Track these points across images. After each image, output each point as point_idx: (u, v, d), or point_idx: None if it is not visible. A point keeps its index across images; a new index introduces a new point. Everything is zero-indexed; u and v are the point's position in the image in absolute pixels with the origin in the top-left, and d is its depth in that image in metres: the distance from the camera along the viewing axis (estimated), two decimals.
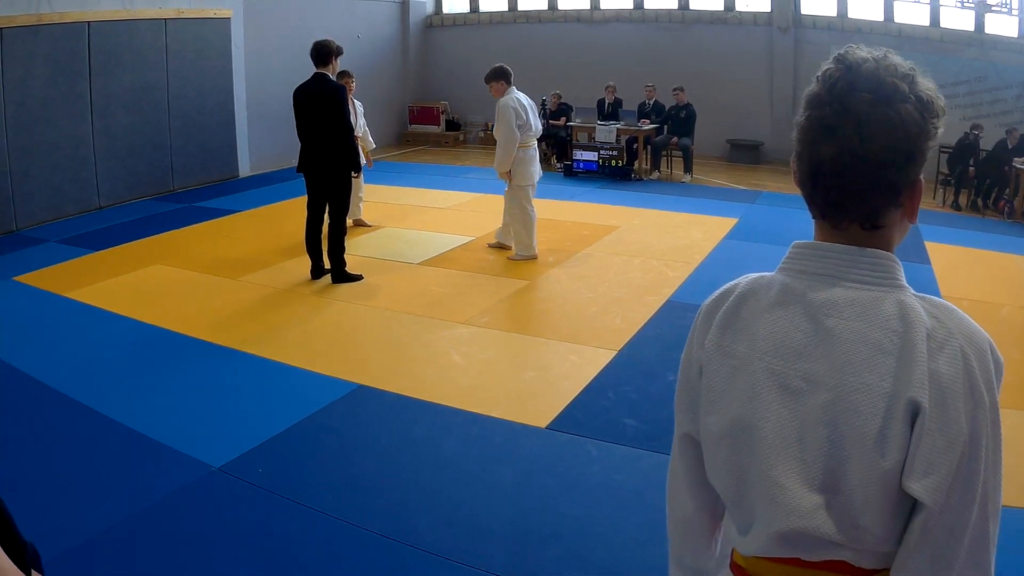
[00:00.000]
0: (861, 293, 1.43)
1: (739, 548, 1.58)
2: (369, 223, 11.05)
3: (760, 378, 1.48)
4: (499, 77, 9.34)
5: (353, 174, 8.54)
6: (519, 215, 9.46)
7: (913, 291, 1.44)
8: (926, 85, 1.43)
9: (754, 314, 1.53)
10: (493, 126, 9.57)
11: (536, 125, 9.51)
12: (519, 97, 9.35)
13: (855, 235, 1.47)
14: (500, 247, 9.83)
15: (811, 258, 1.51)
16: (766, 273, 1.58)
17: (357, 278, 8.62)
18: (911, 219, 1.49)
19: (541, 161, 16.54)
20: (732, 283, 1.62)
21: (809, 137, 1.46)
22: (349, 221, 10.12)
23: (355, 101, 10.53)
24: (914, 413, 1.34)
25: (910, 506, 1.38)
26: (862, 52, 1.44)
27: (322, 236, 8.66)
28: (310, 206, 8.66)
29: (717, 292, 1.65)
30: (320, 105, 8.18)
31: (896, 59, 1.44)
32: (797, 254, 1.54)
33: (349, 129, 8.32)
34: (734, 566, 1.62)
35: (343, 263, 8.62)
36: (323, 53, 8.32)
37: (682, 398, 1.70)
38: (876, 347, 1.38)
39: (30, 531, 1.98)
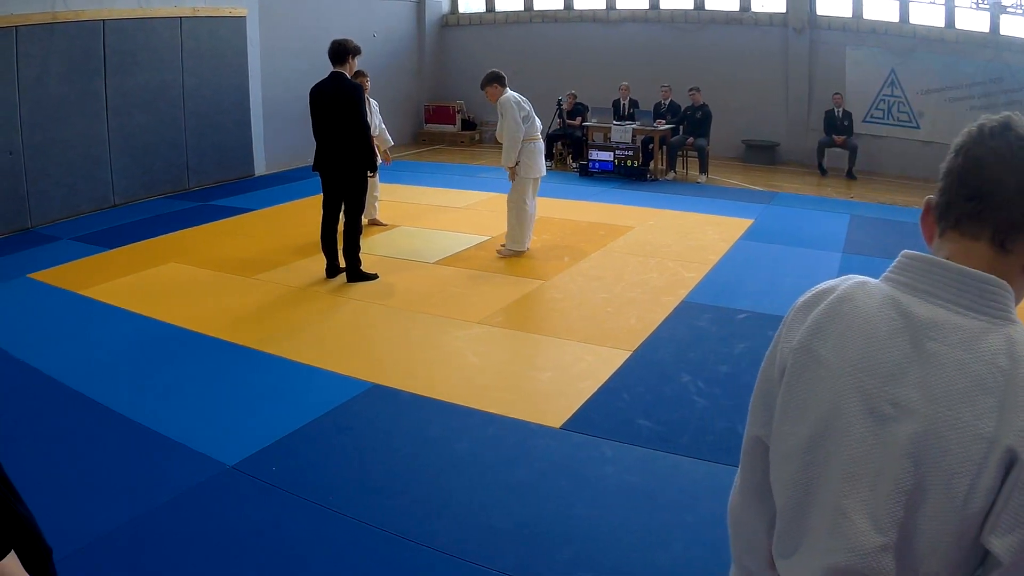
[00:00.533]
0: (968, 320, 1.32)
1: (781, 570, 1.52)
2: (384, 222, 11.05)
3: (846, 395, 1.38)
4: (493, 81, 9.46)
5: (369, 173, 8.56)
6: (516, 208, 9.47)
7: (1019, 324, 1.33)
8: None
9: (850, 321, 1.42)
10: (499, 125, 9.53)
11: (536, 122, 9.52)
12: (518, 96, 9.41)
13: (979, 255, 1.37)
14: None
15: (921, 272, 1.40)
16: (870, 279, 1.49)
17: (372, 277, 8.62)
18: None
19: (557, 161, 16.67)
20: (831, 283, 1.53)
21: (969, 157, 1.42)
22: (364, 220, 10.13)
23: (370, 100, 10.54)
24: (1009, 463, 1.23)
25: (979, 560, 1.29)
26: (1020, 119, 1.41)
27: (338, 235, 8.67)
28: (326, 205, 8.67)
29: (814, 290, 1.56)
30: (337, 104, 8.19)
31: None
32: (906, 265, 1.43)
33: (366, 128, 8.32)
34: None
35: (359, 262, 8.62)
36: (341, 52, 8.32)
37: (758, 398, 1.60)
38: (977, 382, 1.27)
39: (43, 528, 1.98)
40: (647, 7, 18.32)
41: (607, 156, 15.23)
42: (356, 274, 8.60)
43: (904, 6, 15.95)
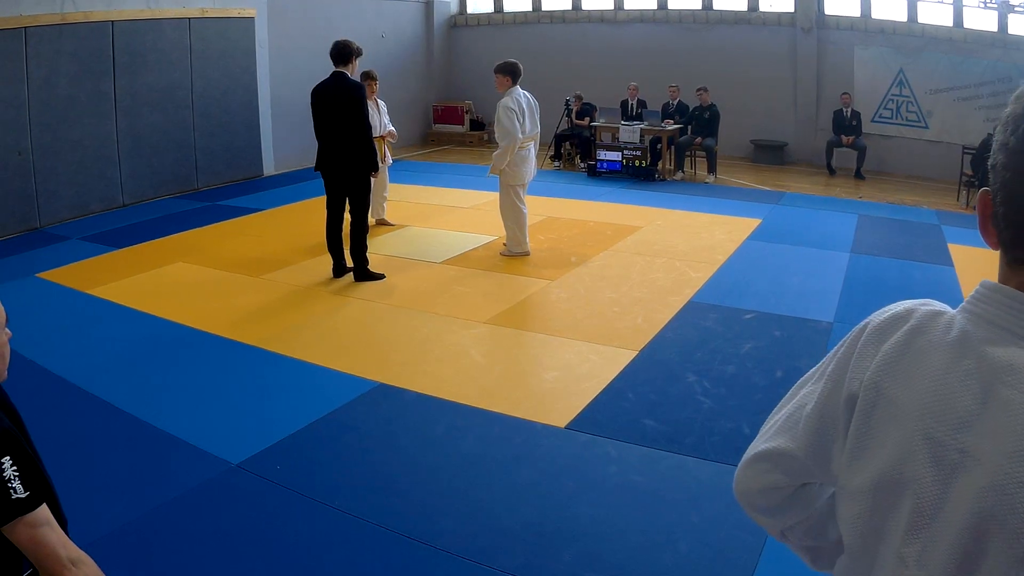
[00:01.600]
0: None
1: None
2: (392, 222, 11.06)
3: (915, 440, 1.24)
4: (505, 72, 9.30)
5: (372, 174, 8.55)
6: (511, 212, 9.46)
7: None
8: None
9: (922, 357, 1.27)
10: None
11: (532, 127, 9.41)
12: (523, 97, 9.30)
13: None
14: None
15: (1002, 305, 1.23)
16: (947, 309, 1.33)
17: (379, 277, 8.63)
18: None
19: (565, 161, 16.67)
20: (905, 307, 1.36)
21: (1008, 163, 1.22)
22: (372, 220, 10.16)
23: (379, 100, 10.56)
24: None
25: None
26: None
27: (343, 234, 8.68)
28: (330, 205, 8.66)
29: (888, 314, 1.37)
30: (339, 104, 8.18)
31: None
32: (985, 296, 1.27)
33: (367, 128, 8.32)
34: None
35: (366, 261, 8.63)
36: (343, 52, 8.32)
37: (813, 421, 1.42)
38: None
39: None
40: (655, 7, 18.30)
41: (615, 156, 15.22)
42: (364, 273, 8.60)
43: (912, 6, 15.91)
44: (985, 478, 1.15)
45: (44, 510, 1.94)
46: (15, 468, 1.91)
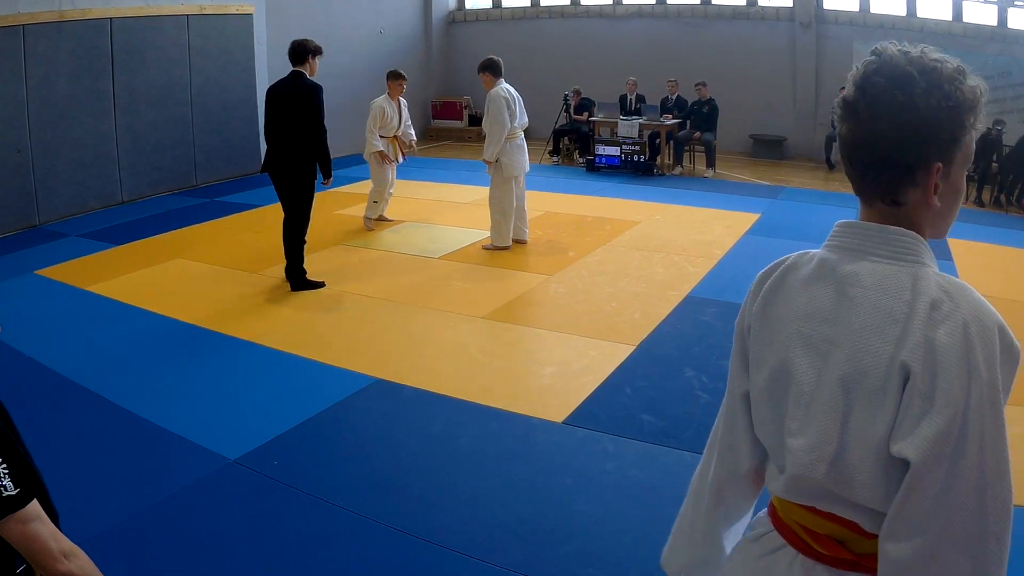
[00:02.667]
0: (883, 267, 1.54)
1: (770, 488, 1.74)
2: (390, 219, 11.04)
3: (793, 339, 1.62)
4: (485, 69, 9.46)
5: (323, 181, 8.18)
6: (498, 205, 9.52)
7: (937, 270, 1.53)
8: (953, 76, 1.49)
9: (793, 284, 1.66)
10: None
11: (522, 117, 9.53)
12: (508, 88, 9.41)
13: (882, 212, 1.58)
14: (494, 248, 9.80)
15: (845, 235, 1.62)
16: (813, 249, 1.70)
17: (319, 285, 8.24)
18: (929, 201, 1.54)
19: (564, 156, 16.67)
20: (784, 257, 1.74)
21: (838, 117, 1.60)
22: (373, 217, 10.33)
23: (402, 100, 10.57)
24: (905, 376, 1.43)
25: (901, 473, 1.43)
26: (898, 46, 1.54)
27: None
28: (283, 207, 8.32)
29: (770, 264, 1.76)
30: (292, 104, 7.89)
31: (932, 54, 1.52)
32: (836, 231, 1.65)
33: (320, 131, 7.92)
34: (771, 506, 1.78)
35: (301, 271, 8.24)
36: (299, 52, 8.02)
37: (736, 359, 1.83)
38: (888, 315, 1.48)
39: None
40: (653, 2, 18.28)
41: (614, 151, 15.22)
42: (299, 283, 8.21)
43: (911, 0, 15.90)
44: (843, 354, 1.53)
45: (35, 505, 1.94)
46: (4, 465, 1.91)
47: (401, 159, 11.00)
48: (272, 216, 10.30)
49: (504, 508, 4.33)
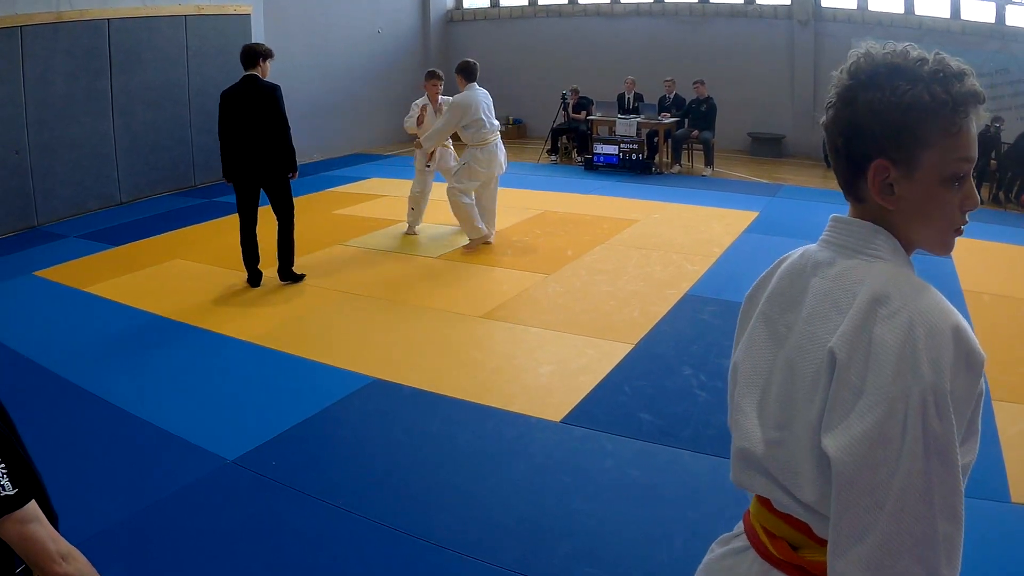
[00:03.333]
0: (846, 259, 1.55)
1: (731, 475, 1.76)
2: (416, 232, 10.56)
3: (759, 320, 1.70)
4: (458, 71, 9.74)
5: (291, 175, 8.31)
6: (455, 204, 9.52)
7: (899, 267, 1.50)
8: (920, 73, 1.46)
9: (779, 272, 1.72)
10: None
11: (491, 122, 9.59)
12: (478, 95, 9.58)
13: (854, 208, 1.61)
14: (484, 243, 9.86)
15: (829, 228, 1.64)
16: (811, 245, 1.71)
17: (301, 277, 8.47)
18: (875, 194, 1.52)
19: (562, 155, 16.66)
20: (793, 251, 1.77)
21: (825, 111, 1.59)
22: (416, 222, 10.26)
23: (441, 99, 10.40)
24: (832, 364, 1.42)
25: None
26: (882, 45, 1.52)
27: (258, 241, 8.44)
28: (242, 213, 8.38)
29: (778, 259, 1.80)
30: (250, 107, 7.99)
31: (910, 52, 1.49)
32: (828, 225, 1.66)
33: (285, 128, 8.06)
34: (746, 511, 1.82)
35: (292, 262, 8.48)
36: (250, 55, 8.12)
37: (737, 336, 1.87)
38: (835, 304, 1.49)
39: None
40: (651, 0, 18.28)
41: (612, 150, 15.22)
42: (288, 273, 8.43)
43: None
44: (793, 339, 1.57)
45: (32, 506, 1.94)
46: (2, 465, 1.91)
47: (432, 165, 10.55)
48: (268, 216, 10.30)
49: (502, 507, 4.33)
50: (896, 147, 1.47)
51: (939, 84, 1.44)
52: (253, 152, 8.03)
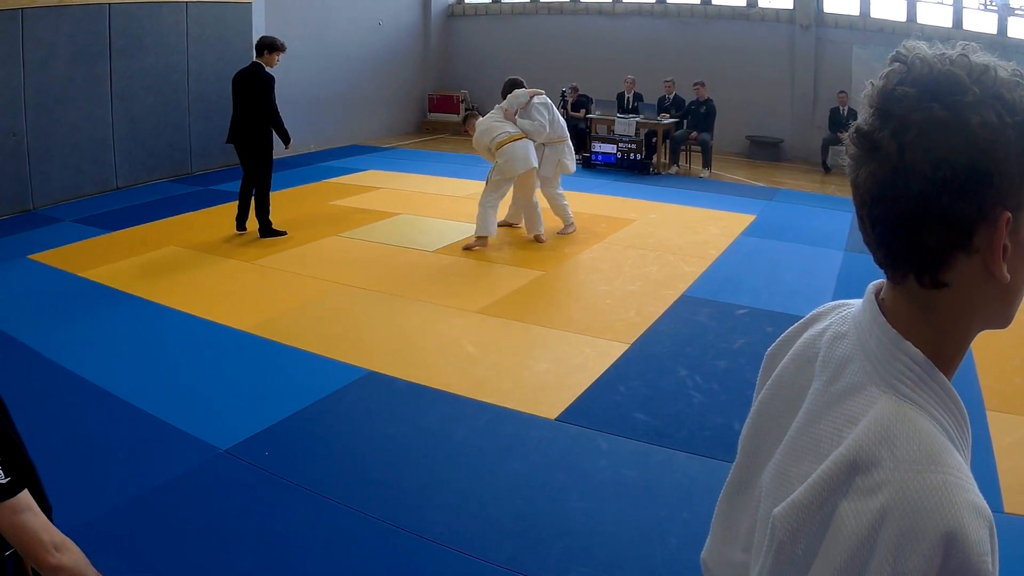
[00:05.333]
0: (858, 373, 1.11)
1: None
2: (544, 239, 10.13)
3: (763, 409, 1.34)
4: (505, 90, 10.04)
5: (285, 147, 9.82)
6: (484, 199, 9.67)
7: (921, 403, 1.06)
8: (1014, 82, 1.02)
9: (800, 342, 1.32)
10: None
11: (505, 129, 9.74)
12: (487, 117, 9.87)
13: (913, 297, 1.09)
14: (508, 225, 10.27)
15: (864, 313, 1.17)
16: (851, 303, 1.28)
17: (282, 233, 9.78)
18: (995, 272, 1.03)
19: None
20: (836, 303, 1.35)
21: (851, 158, 1.12)
22: (531, 235, 10.04)
23: (537, 97, 10.27)
24: (773, 535, 1.07)
25: None
26: (929, 48, 1.06)
27: (251, 196, 9.84)
28: (243, 169, 9.89)
29: (826, 304, 1.38)
30: (246, 89, 9.50)
31: (979, 56, 1.04)
32: (863, 301, 1.20)
33: (269, 112, 9.49)
34: None
35: (268, 222, 9.78)
36: (258, 46, 9.66)
37: None
38: (815, 444, 1.11)
39: None
40: (653, 0, 18.28)
41: (610, 149, 15.21)
42: (267, 231, 9.77)
43: (912, 6, 15.90)
44: (776, 459, 1.19)
45: (26, 495, 1.92)
46: None
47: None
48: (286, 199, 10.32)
49: (497, 504, 4.33)
50: (1019, 187, 1.01)
51: None
52: (238, 126, 9.65)
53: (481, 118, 9.80)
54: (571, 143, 10.43)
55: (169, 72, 13.03)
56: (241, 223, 9.95)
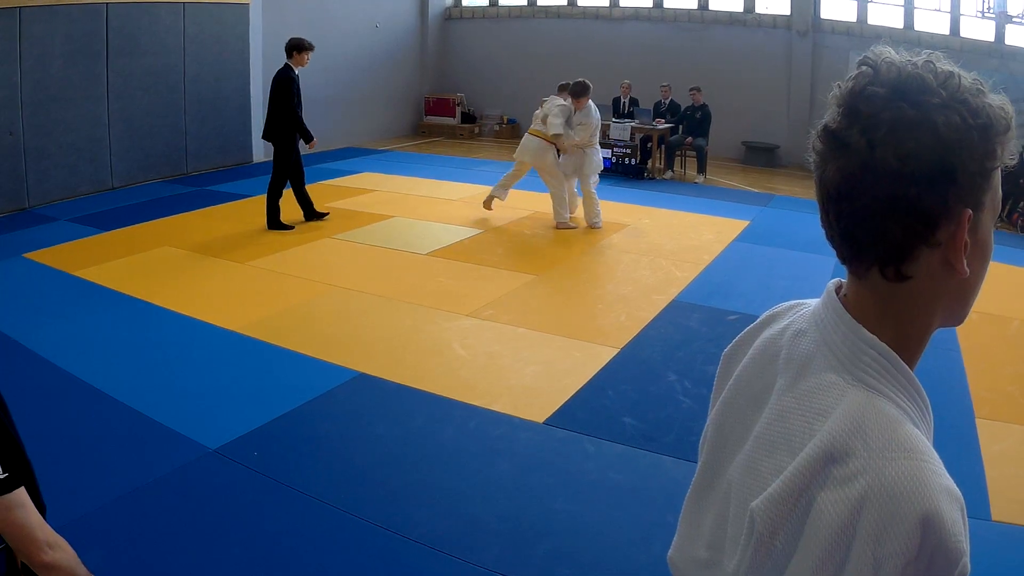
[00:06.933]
0: (823, 369, 1.15)
1: None
2: (573, 225, 11.04)
3: (724, 407, 1.36)
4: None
5: (308, 146, 10.32)
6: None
7: (888, 394, 1.10)
8: (975, 88, 1.09)
9: (759, 342, 1.36)
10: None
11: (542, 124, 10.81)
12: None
13: (876, 290, 1.13)
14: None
15: (824, 308, 1.22)
16: (807, 303, 1.33)
17: (289, 227, 10.19)
18: (956, 267, 1.09)
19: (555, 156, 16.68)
20: (795, 302, 1.39)
21: (817, 155, 1.14)
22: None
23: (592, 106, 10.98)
24: (752, 529, 1.09)
25: None
26: (895, 53, 1.12)
27: (305, 188, 10.55)
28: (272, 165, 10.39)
29: (782, 304, 1.42)
30: (273, 88, 10.07)
31: (943, 63, 1.10)
32: (823, 298, 1.25)
33: (290, 110, 9.92)
34: None
35: (275, 214, 10.22)
36: (287, 48, 10.08)
37: None
38: (786, 439, 1.13)
39: None
40: (650, 5, 18.32)
41: (605, 153, 15.18)
42: (273, 224, 10.20)
43: (909, 13, 15.94)
44: (742, 456, 1.23)
45: (21, 492, 1.93)
46: None
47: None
48: (259, 206, 10.35)
49: (482, 506, 4.35)
50: (979, 186, 1.08)
51: (990, 97, 1.12)
52: (268, 124, 10.24)
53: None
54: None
55: (166, 72, 13.06)
56: (308, 212, 10.63)
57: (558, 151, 10.70)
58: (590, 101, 10.82)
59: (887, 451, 1.01)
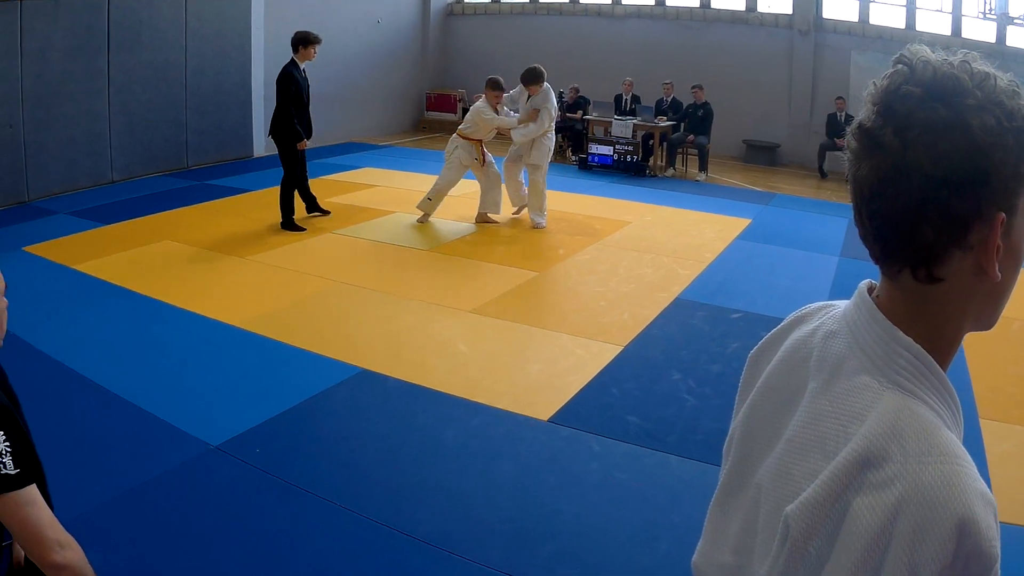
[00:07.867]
0: (856, 371, 1.14)
1: None
2: (496, 219, 11.02)
3: (752, 410, 1.35)
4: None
5: (299, 145, 9.88)
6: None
7: (922, 397, 1.09)
8: (1012, 90, 1.06)
9: (787, 344, 1.34)
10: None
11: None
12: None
13: (907, 291, 1.12)
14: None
15: (856, 305, 1.20)
16: (837, 304, 1.31)
17: (302, 229, 9.86)
18: (988, 271, 1.07)
19: (557, 153, 16.65)
20: (821, 303, 1.37)
21: (851, 151, 1.14)
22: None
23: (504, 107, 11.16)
24: (786, 534, 1.08)
25: None
26: (932, 52, 1.09)
27: (308, 185, 10.52)
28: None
29: (808, 306, 1.39)
30: (276, 84, 9.90)
31: (979, 64, 1.07)
32: (854, 299, 1.23)
33: (285, 106, 9.74)
34: None
35: (289, 213, 9.98)
36: (292, 42, 9.86)
37: None
38: (820, 442, 1.12)
39: None
40: (652, 3, 18.30)
41: (607, 150, 15.22)
42: (286, 224, 9.94)
43: (911, 13, 15.93)
44: (772, 458, 1.21)
45: (33, 490, 1.92)
46: (7, 444, 1.90)
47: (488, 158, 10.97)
48: (259, 201, 10.32)
49: (486, 504, 4.32)
50: (1014, 189, 1.05)
51: None
52: (273, 120, 10.04)
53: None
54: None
55: (167, 67, 13.01)
56: (311, 206, 10.53)
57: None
58: (546, 84, 10.83)
59: (923, 456, 1.01)
